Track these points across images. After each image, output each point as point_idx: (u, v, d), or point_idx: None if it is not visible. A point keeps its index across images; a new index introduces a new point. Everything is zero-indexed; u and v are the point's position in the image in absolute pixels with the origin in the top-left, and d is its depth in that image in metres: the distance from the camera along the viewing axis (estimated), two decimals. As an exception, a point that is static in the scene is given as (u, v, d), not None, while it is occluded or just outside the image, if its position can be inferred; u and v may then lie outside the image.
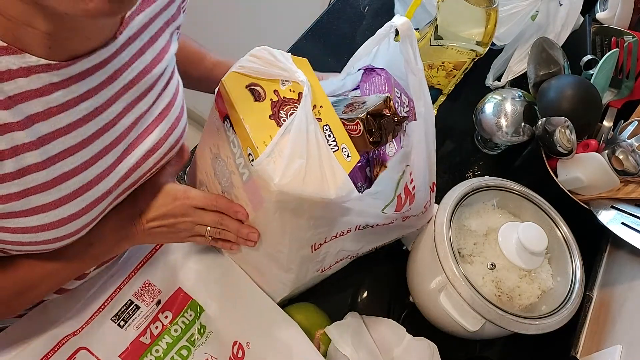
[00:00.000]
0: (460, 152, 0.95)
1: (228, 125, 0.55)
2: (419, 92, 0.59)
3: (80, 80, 0.45)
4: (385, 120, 0.58)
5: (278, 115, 0.53)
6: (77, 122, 0.46)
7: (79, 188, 0.48)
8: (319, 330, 0.65)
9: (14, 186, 0.43)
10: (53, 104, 0.44)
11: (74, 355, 0.60)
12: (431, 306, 0.68)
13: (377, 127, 0.58)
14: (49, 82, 0.43)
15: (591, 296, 0.79)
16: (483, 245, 0.67)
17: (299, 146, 0.50)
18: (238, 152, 0.54)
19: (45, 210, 0.46)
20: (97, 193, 0.51)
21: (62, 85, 0.44)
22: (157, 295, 0.65)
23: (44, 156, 0.44)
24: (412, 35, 0.57)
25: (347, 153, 0.54)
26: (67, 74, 0.44)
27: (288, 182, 0.49)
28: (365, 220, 0.60)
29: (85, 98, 0.46)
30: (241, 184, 0.56)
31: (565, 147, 0.77)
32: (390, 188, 0.59)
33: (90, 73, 0.46)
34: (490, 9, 0.75)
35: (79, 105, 0.46)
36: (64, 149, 0.46)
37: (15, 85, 0.41)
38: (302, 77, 0.54)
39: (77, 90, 0.45)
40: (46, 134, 0.44)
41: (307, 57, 0.59)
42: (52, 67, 0.42)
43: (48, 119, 0.44)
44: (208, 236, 0.62)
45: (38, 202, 0.46)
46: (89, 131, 0.48)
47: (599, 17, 1.01)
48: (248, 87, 0.54)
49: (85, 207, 0.50)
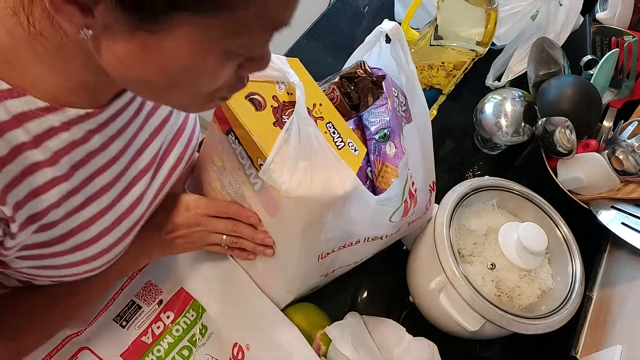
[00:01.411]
0: (460, 152, 0.95)
1: (233, 138, 0.55)
2: (412, 93, 0.60)
3: (111, 123, 0.46)
4: (361, 80, 0.57)
5: (281, 120, 0.53)
6: (112, 160, 0.48)
7: (115, 220, 0.49)
8: (319, 331, 0.65)
9: (59, 230, 0.45)
10: (91, 149, 0.45)
11: (76, 354, 0.60)
12: (431, 306, 0.68)
13: (353, 89, 0.57)
14: (87, 130, 0.44)
15: (591, 296, 0.79)
16: (483, 245, 0.67)
17: (300, 149, 0.50)
18: (247, 164, 0.54)
19: (87, 245, 0.48)
20: (133, 220, 0.52)
21: (97, 131, 0.45)
22: (159, 295, 0.66)
23: (84, 197, 0.46)
24: (402, 39, 0.57)
25: (354, 147, 0.54)
26: (101, 120, 0.45)
27: (296, 186, 0.50)
28: (375, 232, 0.60)
29: (116, 137, 0.47)
30: (253, 193, 0.56)
31: (565, 147, 0.78)
32: (400, 195, 0.59)
33: (120, 113, 0.47)
34: (490, 9, 0.75)
35: (112, 145, 0.47)
36: (101, 187, 0.47)
37: (59, 141, 0.42)
38: (294, 77, 0.54)
39: (109, 133, 0.46)
40: (86, 178, 0.45)
41: (307, 57, 0.59)
42: (90, 115, 0.43)
43: (87, 164, 0.45)
44: (224, 244, 0.62)
45: (81, 239, 0.47)
46: (121, 166, 0.49)
47: (599, 17, 1.01)
48: (247, 97, 0.54)
49: (123, 235, 0.51)
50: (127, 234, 0.52)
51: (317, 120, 0.54)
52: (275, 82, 0.55)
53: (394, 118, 0.69)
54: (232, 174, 0.58)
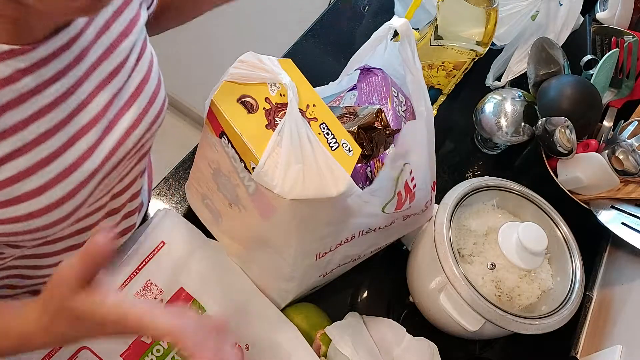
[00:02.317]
0: (460, 152, 0.95)
1: (226, 142, 0.55)
2: (419, 93, 0.59)
3: (48, 64, 0.44)
4: (377, 134, 0.58)
5: (274, 123, 0.53)
6: (49, 106, 0.46)
7: (62, 171, 0.48)
8: (319, 331, 0.65)
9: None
10: (24, 91, 0.43)
11: (75, 354, 0.60)
12: (431, 306, 0.68)
13: (368, 140, 0.58)
14: (16, 69, 0.42)
15: (591, 296, 0.79)
16: (483, 245, 0.67)
17: (293, 152, 0.50)
18: (240, 167, 0.54)
19: (31, 197, 0.46)
20: (83, 174, 0.50)
21: (30, 70, 0.43)
22: (159, 295, 0.66)
23: (20, 143, 0.44)
24: (410, 36, 0.57)
25: (348, 148, 0.54)
26: (34, 59, 0.43)
27: (289, 189, 0.50)
28: (368, 223, 0.60)
29: (54, 81, 0.45)
30: (247, 195, 0.56)
31: (565, 147, 0.78)
32: (390, 185, 0.59)
33: (57, 55, 0.45)
34: (490, 9, 0.75)
35: (48, 88, 0.45)
36: (40, 133, 0.45)
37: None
38: (286, 78, 0.54)
39: (45, 74, 0.44)
40: (20, 121, 0.43)
41: (307, 57, 0.59)
42: (16, 52, 0.41)
43: (19, 106, 0.43)
44: None
45: (22, 189, 0.45)
46: (62, 114, 0.47)
47: (599, 17, 1.01)
48: (239, 100, 0.53)
49: (73, 189, 0.49)
50: (78, 188, 0.49)
51: (310, 121, 0.54)
52: (267, 84, 0.55)
53: (394, 118, 0.69)
54: (226, 176, 0.58)
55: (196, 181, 0.67)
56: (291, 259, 0.58)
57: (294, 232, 0.55)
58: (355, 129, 0.57)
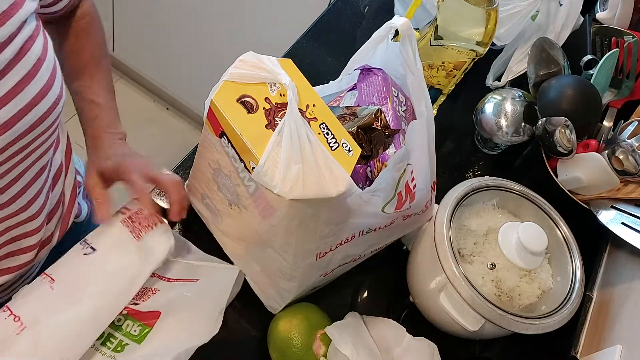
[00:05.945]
0: (460, 152, 0.95)
1: (226, 142, 0.55)
2: (419, 93, 0.59)
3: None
4: (376, 134, 0.59)
5: (274, 123, 0.53)
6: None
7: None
8: (319, 331, 0.65)
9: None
10: None
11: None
12: (431, 306, 0.68)
13: (367, 140, 0.58)
14: None
15: (591, 296, 0.79)
16: (483, 245, 0.67)
17: (293, 152, 0.50)
18: (240, 167, 0.54)
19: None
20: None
21: None
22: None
23: None
24: (412, 35, 0.57)
25: (348, 148, 0.54)
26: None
27: (289, 189, 0.50)
28: (368, 223, 0.60)
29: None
30: (248, 195, 0.56)
31: (565, 147, 0.78)
32: (391, 186, 0.59)
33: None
34: (490, 9, 0.75)
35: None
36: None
37: None
38: (286, 78, 0.54)
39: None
40: None
41: (307, 57, 0.59)
42: None
43: None
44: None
45: None
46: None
47: (599, 17, 1.01)
48: (239, 100, 0.53)
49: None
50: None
51: (310, 121, 0.54)
52: (267, 84, 0.55)
53: (394, 118, 0.69)
54: (227, 176, 0.58)
55: (196, 181, 0.67)
56: (291, 258, 0.58)
57: (294, 232, 0.55)
58: (354, 130, 0.58)
